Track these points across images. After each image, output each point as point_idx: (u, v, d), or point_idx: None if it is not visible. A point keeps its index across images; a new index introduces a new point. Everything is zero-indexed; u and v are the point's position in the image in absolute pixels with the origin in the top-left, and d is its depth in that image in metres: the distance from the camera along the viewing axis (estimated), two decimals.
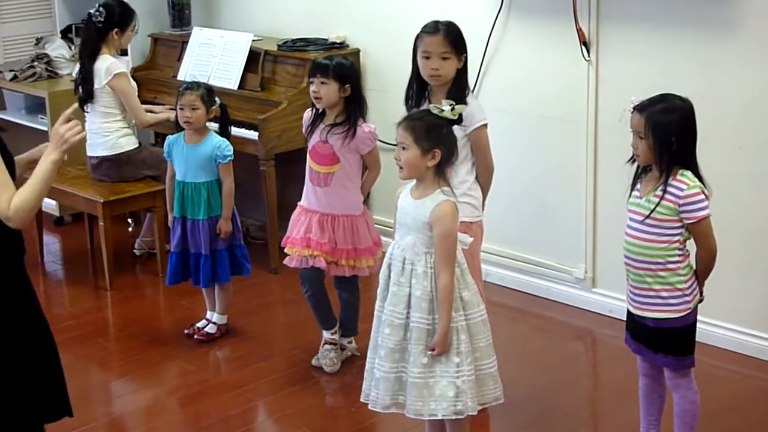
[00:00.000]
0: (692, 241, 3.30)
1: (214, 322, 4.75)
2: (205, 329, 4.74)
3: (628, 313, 3.44)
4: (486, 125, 3.86)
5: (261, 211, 5.58)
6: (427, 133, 3.24)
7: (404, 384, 3.31)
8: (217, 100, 4.64)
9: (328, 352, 4.37)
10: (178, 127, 4.66)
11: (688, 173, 3.23)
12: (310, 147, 4.25)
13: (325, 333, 4.41)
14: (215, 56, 5.84)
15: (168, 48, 6.27)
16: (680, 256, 3.28)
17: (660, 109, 3.22)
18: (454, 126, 3.35)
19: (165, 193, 4.80)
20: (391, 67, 5.44)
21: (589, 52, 4.64)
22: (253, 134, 5.35)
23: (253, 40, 5.74)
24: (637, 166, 3.37)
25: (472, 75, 4.06)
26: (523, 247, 5.11)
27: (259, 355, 4.57)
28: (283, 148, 5.36)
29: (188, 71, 5.90)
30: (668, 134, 3.20)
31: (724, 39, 4.21)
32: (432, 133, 3.24)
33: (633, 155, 3.34)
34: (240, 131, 5.36)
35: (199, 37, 6.00)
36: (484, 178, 3.93)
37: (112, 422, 4.18)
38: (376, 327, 3.39)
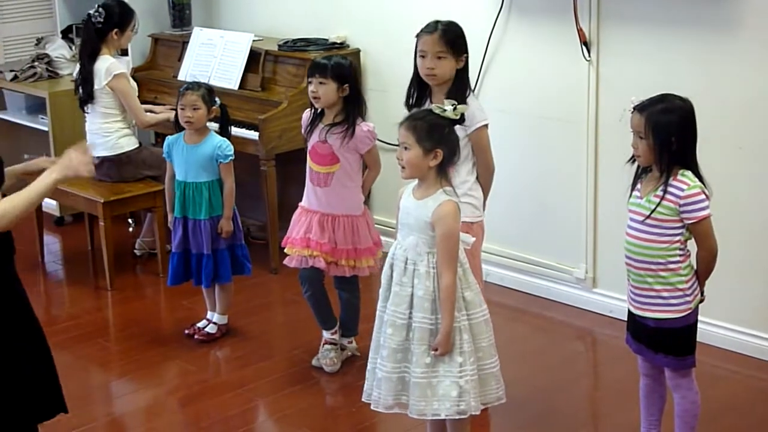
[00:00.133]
0: (693, 241, 3.30)
1: (215, 322, 4.75)
2: (206, 329, 4.74)
3: (629, 313, 3.43)
4: (487, 126, 3.86)
5: (261, 211, 5.58)
6: (429, 133, 3.23)
7: (407, 384, 3.31)
8: (217, 100, 4.64)
9: (328, 352, 4.37)
10: (178, 128, 4.65)
11: (689, 173, 3.23)
12: (310, 147, 4.25)
13: (325, 333, 4.41)
14: (216, 56, 5.84)
15: (168, 48, 6.27)
16: (681, 256, 3.28)
17: (660, 109, 3.22)
18: (456, 126, 3.35)
19: (165, 193, 4.80)
20: (391, 67, 5.44)
21: (589, 52, 4.63)
22: (254, 134, 5.35)
23: (254, 40, 5.73)
24: (637, 167, 3.37)
25: (472, 75, 4.06)
26: (524, 247, 5.11)
27: (260, 355, 4.57)
28: (284, 148, 5.36)
29: (189, 71, 5.90)
30: (668, 134, 3.20)
31: (724, 39, 4.21)
32: (434, 133, 3.24)
33: (633, 155, 3.34)
34: (240, 131, 5.36)
35: (200, 38, 6.00)
36: (485, 179, 3.93)
37: (112, 422, 4.18)
38: (378, 327, 3.38)
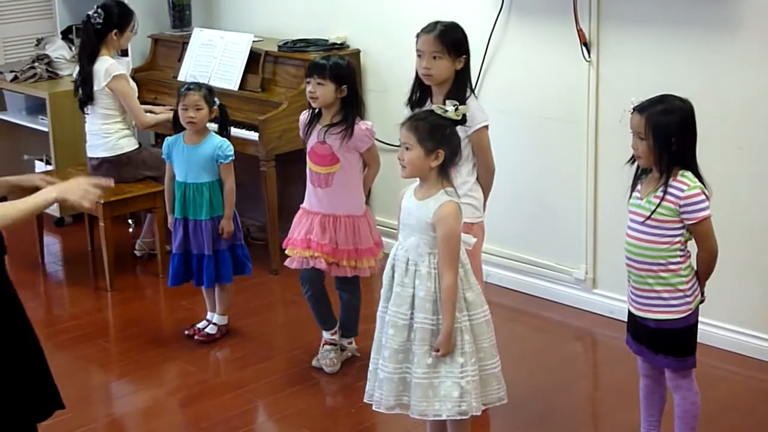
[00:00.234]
0: (693, 241, 3.30)
1: (215, 323, 4.75)
2: (206, 330, 4.74)
3: (629, 314, 3.43)
4: (487, 127, 3.86)
5: (261, 211, 5.58)
6: (431, 134, 3.23)
7: (408, 385, 3.31)
8: (216, 100, 4.64)
9: (328, 353, 4.37)
10: (177, 129, 4.65)
11: (689, 174, 3.22)
12: (309, 149, 4.24)
13: (325, 333, 4.41)
14: (215, 57, 5.84)
15: (168, 49, 6.27)
16: (681, 257, 3.28)
17: (660, 110, 3.21)
18: (457, 127, 3.35)
19: (165, 194, 4.79)
20: (391, 68, 5.44)
21: (589, 53, 4.63)
22: (254, 135, 5.35)
23: (254, 41, 5.73)
24: (637, 167, 3.36)
25: (472, 75, 4.05)
26: (524, 247, 5.11)
27: (259, 356, 4.57)
28: (284, 149, 5.36)
29: (189, 72, 5.89)
30: (668, 135, 3.20)
31: (724, 39, 4.21)
32: (435, 134, 3.24)
33: (633, 156, 3.34)
34: (240, 132, 5.36)
35: (200, 38, 6.00)
36: (485, 179, 3.93)
37: (112, 423, 4.18)
38: (379, 328, 3.38)
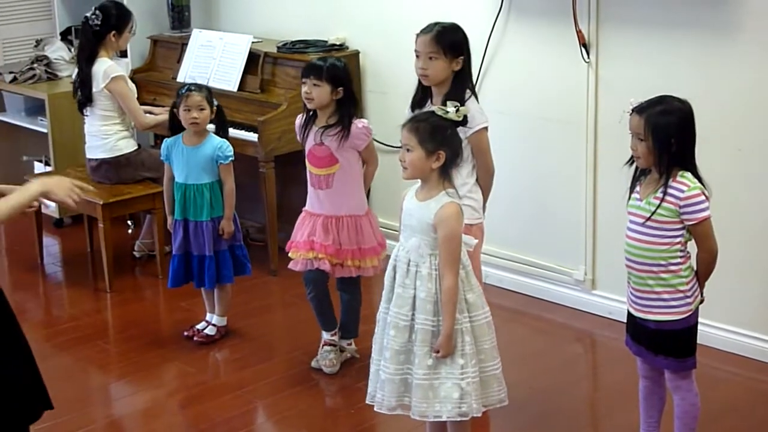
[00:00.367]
0: (692, 242, 3.30)
1: (214, 324, 4.75)
2: (205, 331, 4.74)
3: (629, 315, 3.43)
4: (486, 128, 3.86)
5: (260, 212, 5.58)
6: (432, 135, 3.23)
7: (409, 386, 3.31)
8: (214, 101, 4.64)
9: (328, 353, 4.37)
10: (174, 130, 4.64)
11: (688, 174, 3.22)
12: (307, 151, 4.24)
13: (325, 334, 4.41)
14: (215, 58, 5.84)
15: (167, 50, 6.27)
16: (682, 257, 3.27)
17: (659, 111, 3.21)
18: (458, 128, 3.35)
19: (164, 195, 4.79)
20: (390, 69, 5.44)
21: (588, 54, 4.63)
22: (253, 136, 5.35)
23: (253, 42, 5.73)
24: (636, 168, 3.36)
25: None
26: (523, 248, 5.11)
27: (259, 357, 4.57)
28: (283, 150, 5.35)
29: (188, 73, 5.90)
30: (668, 136, 3.19)
31: (723, 41, 4.21)
32: (436, 135, 3.24)
33: (632, 157, 3.33)
34: (240, 133, 5.36)
35: (199, 39, 6.00)
36: (485, 181, 3.93)
37: (111, 424, 4.18)
38: (381, 329, 3.38)
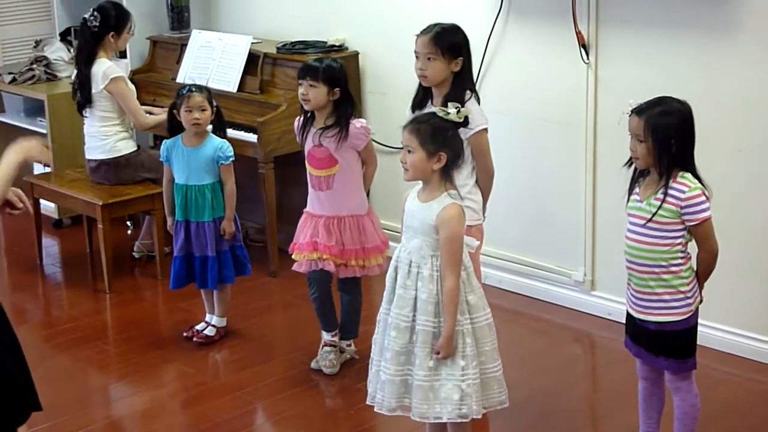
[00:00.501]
0: (692, 242, 3.30)
1: (214, 325, 4.75)
2: (204, 332, 4.73)
3: (628, 316, 3.43)
4: (486, 129, 3.85)
5: (260, 213, 5.58)
6: (433, 136, 3.23)
7: (410, 387, 3.31)
8: (213, 101, 4.64)
9: (328, 354, 4.37)
10: (172, 131, 4.64)
11: (688, 175, 3.22)
12: (306, 153, 4.24)
13: (325, 335, 4.41)
14: (214, 59, 5.84)
15: (167, 51, 6.27)
16: (683, 258, 3.27)
17: (659, 112, 3.21)
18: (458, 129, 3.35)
19: (163, 197, 4.78)
20: (390, 70, 5.44)
21: (588, 55, 4.64)
22: (253, 137, 5.35)
23: (252, 43, 5.73)
24: (634, 170, 3.36)
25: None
26: (522, 249, 5.11)
27: (258, 358, 4.57)
28: (283, 151, 5.35)
29: (187, 74, 5.90)
30: (667, 137, 3.19)
31: (723, 42, 4.21)
32: (437, 136, 3.24)
33: (630, 158, 3.33)
34: (239, 134, 5.36)
35: (198, 40, 6.00)
36: (485, 182, 3.92)
37: (110, 425, 4.18)
38: (381, 330, 3.39)
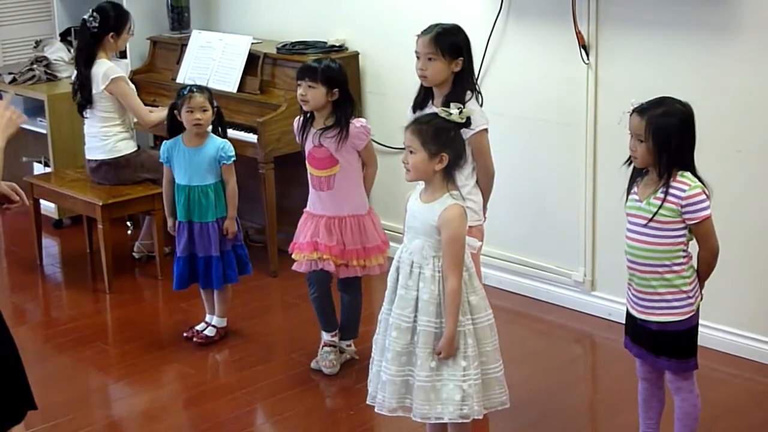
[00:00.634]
0: (692, 242, 3.30)
1: (214, 325, 4.75)
2: (204, 332, 4.73)
3: (628, 316, 3.42)
4: (486, 130, 3.85)
5: (260, 213, 5.58)
6: (435, 137, 3.23)
7: (411, 387, 3.31)
8: (214, 101, 4.64)
9: (328, 354, 4.37)
10: (172, 132, 4.63)
11: (688, 174, 3.22)
12: (307, 153, 4.24)
13: (325, 335, 4.41)
14: (214, 59, 5.84)
15: (167, 51, 6.27)
16: (685, 257, 3.27)
17: (661, 113, 3.21)
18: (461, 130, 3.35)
19: (163, 197, 4.77)
20: (390, 70, 5.44)
21: (588, 56, 4.64)
22: (253, 137, 5.35)
23: (253, 43, 5.73)
24: (633, 169, 3.36)
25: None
26: (523, 250, 5.11)
27: (258, 358, 4.57)
28: (283, 151, 5.35)
29: (187, 74, 5.90)
30: (668, 137, 3.19)
31: (723, 42, 4.21)
32: (439, 137, 3.24)
33: (630, 157, 3.33)
34: (239, 134, 5.36)
35: (199, 40, 6.00)
36: (485, 183, 3.92)
37: (110, 425, 4.17)
38: (383, 330, 3.38)
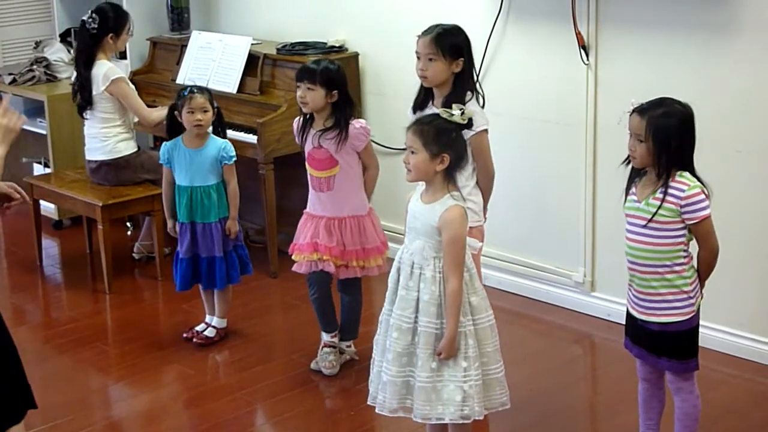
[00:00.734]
0: (693, 242, 3.30)
1: (214, 326, 4.74)
2: (204, 333, 4.73)
3: (628, 317, 3.42)
4: (486, 130, 3.85)
5: (260, 214, 5.58)
6: (436, 138, 3.23)
7: (411, 388, 3.31)
8: (214, 102, 4.64)
9: (327, 355, 4.37)
10: (171, 133, 4.63)
11: (687, 174, 3.22)
12: (306, 154, 4.25)
13: (325, 336, 4.41)
14: (214, 60, 5.84)
15: (167, 52, 6.27)
16: (685, 257, 3.27)
17: (661, 113, 3.20)
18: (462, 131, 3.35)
19: (163, 198, 4.77)
20: (389, 71, 5.44)
21: (588, 56, 4.64)
22: (252, 138, 5.35)
23: (252, 44, 5.73)
24: (631, 169, 3.36)
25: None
26: (522, 250, 5.11)
27: (258, 359, 4.57)
28: (282, 152, 5.35)
29: (187, 75, 5.90)
30: (668, 137, 3.19)
31: (723, 43, 4.21)
32: (441, 138, 3.24)
33: (628, 156, 3.33)
34: (239, 135, 5.36)
35: (198, 41, 6.00)
36: (485, 183, 3.92)
37: (110, 426, 4.17)
38: (383, 331, 3.39)
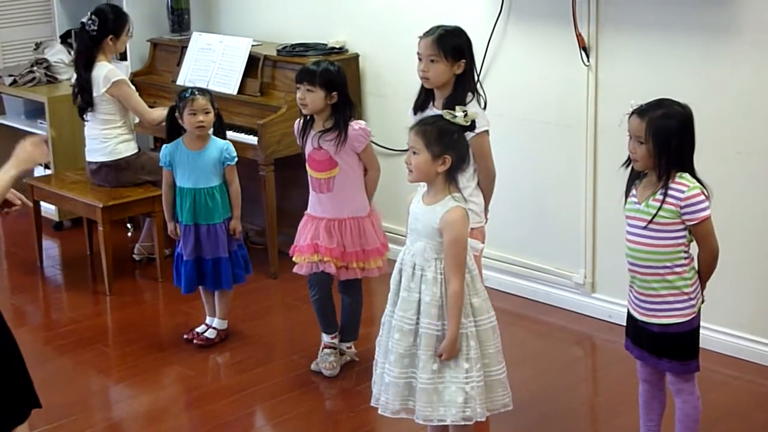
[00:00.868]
0: (693, 244, 3.30)
1: (214, 327, 4.74)
2: (205, 334, 4.73)
3: (629, 318, 3.42)
4: (488, 132, 3.85)
5: (260, 215, 5.58)
6: (438, 139, 3.24)
7: (413, 389, 3.32)
8: (215, 104, 4.64)
9: (328, 356, 4.37)
10: (171, 136, 4.63)
11: (687, 175, 3.22)
12: (307, 155, 4.25)
13: (325, 337, 4.41)
14: (214, 61, 5.84)
15: (167, 53, 6.27)
16: (686, 259, 3.27)
17: (661, 115, 3.21)
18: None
19: (163, 200, 4.76)
20: (390, 72, 5.44)
21: (588, 58, 4.64)
22: (253, 139, 5.35)
23: (253, 45, 5.73)
24: (631, 171, 3.36)
25: None
26: (523, 251, 5.11)
27: (259, 360, 4.57)
28: (283, 153, 5.36)
29: (188, 76, 5.89)
30: (668, 139, 3.20)
31: (723, 44, 4.21)
32: (443, 139, 3.24)
33: (629, 158, 3.33)
34: (239, 136, 5.36)
35: (199, 42, 6.00)
36: (486, 185, 3.92)
37: (110, 427, 4.17)
38: (386, 332, 3.39)
